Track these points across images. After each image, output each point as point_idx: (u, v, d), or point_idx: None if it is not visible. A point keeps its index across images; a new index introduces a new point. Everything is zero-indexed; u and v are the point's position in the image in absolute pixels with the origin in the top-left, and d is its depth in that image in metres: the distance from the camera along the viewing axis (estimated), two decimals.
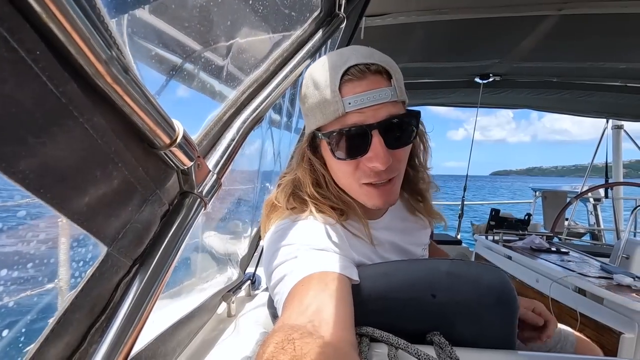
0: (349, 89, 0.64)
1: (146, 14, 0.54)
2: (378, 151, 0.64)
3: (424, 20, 1.89)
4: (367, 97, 0.63)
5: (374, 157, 0.64)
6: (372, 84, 0.64)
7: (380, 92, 0.64)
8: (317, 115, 0.68)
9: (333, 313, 0.52)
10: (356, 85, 0.64)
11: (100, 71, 0.28)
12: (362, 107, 0.63)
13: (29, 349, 0.31)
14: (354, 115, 0.64)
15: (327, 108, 0.65)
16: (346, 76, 0.64)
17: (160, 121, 0.36)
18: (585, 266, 1.89)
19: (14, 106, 0.24)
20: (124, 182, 0.37)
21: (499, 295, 0.67)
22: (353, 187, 0.71)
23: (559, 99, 3.21)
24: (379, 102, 0.64)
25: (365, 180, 0.68)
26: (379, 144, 0.64)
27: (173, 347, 0.71)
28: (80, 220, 0.32)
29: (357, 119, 0.64)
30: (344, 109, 0.63)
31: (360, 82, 0.64)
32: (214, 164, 0.53)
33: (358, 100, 0.63)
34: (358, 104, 0.63)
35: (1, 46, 0.22)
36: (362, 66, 0.64)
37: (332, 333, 0.48)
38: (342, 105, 0.63)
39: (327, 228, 0.69)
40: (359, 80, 0.64)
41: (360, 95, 0.63)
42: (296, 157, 0.77)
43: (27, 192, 0.26)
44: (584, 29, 1.93)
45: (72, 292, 0.34)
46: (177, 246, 0.46)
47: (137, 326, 0.41)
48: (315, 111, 0.68)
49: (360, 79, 0.64)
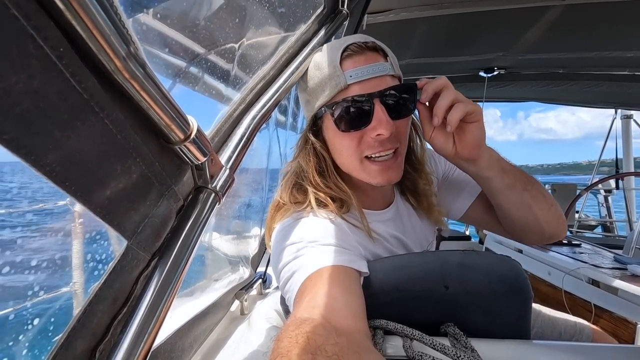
0: (349, 63, 0.68)
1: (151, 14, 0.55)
2: (381, 118, 0.66)
3: (426, 15, 1.89)
4: (367, 70, 0.67)
5: (377, 125, 0.67)
6: (370, 58, 0.68)
7: (379, 66, 0.68)
8: (319, 94, 0.71)
9: (345, 305, 0.52)
10: (355, 60, 0.68)
11: (119, 67, 0.29)
12: (363, 79, 0.67)
13: (57, 338, 0.32)
14: (356, 87, 0.67)
15: (329, 83, 0.69)
16: (346, 52, 0.68)
17: (175, 116, 0.37)
18: (598, 258, 1.87)
19: (41, 101, 0.25)
20: (142, 177, 0.38)
21: (512, 284, 0.67)
22: (355, 163, 0.72)
23: (565, 90, 3.17)
24: (378, 75, 0.68)
25: (369, 151, 0.70)
26: (382, 111, 0.67)
27: (190, 343, 0.72)
28: (103, 214, 0.33)
29: (359, 90, 0.67)
30: (346, 81, 0.67)
31: (359, 57, 0.68)
32: (226, 159, 0.54)
33: (359, 72, 0.67)
34: (359, 75, 0.67)
35: (29, 43, 0.23)
36: (360, 43, 0.69)
37: (345, 324, 0.49)
38: (344, 77, 0.67)
39: (330, 223, 0.69)
40: (357, 55, 0.68)
41: (361, 68, 0.67)
42: (297, 143, 0.79)
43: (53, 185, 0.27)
44: (589, 18, 1.90)
45: (95, 284, 0.35)
46: (193, 240, 0.47)
47: (158, 319, 0.42)
48: (317, 91, 0.71)
49: (359, 54, 0.68)
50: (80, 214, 1.59)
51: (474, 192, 0.91)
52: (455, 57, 2.60)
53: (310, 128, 0.76)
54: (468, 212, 0.92)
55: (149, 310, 0.41)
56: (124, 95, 0.32)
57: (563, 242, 2.23)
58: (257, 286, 1.27)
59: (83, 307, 0.34)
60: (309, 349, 0.41)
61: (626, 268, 1.63)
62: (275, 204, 0.77)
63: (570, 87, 3.07)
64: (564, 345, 0.72)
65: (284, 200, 0.75)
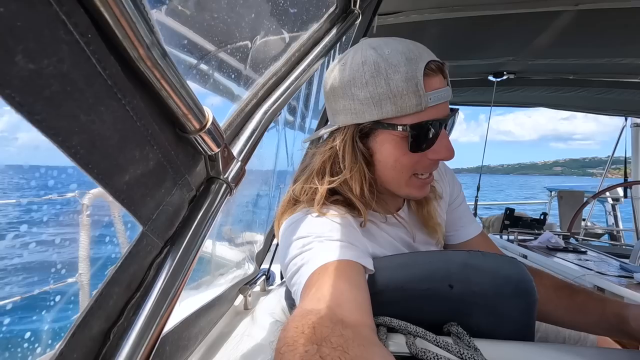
0: (429, 84, 0.66)
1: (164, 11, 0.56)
2: (447, 145, 0.69)
3: (437, 18, 1.89)
4: (442, 94, 0.67)
5: (441, 151, 0.69)
6: (442, 81, 0.68)
7: (447, 90, 0.68)
8: (385, 106, 0.67)
9: (351, 299, 0.53)
10: (435, 81, 0.67)
11: (142, 55, 0.30)
12: (439, 103, 0.67)
13: (76, 316, 0.33)
14: (432, 110, 0.67)
15: (406, 100, 0.65)
16: (426, 70, 0.65)
17: (192, 106, 0.38)
18: (604, 265, 1.85)
19: (69, 84, 0.26)
20: (158, 165, 0.39)
21: (517, 285, 0.67)
22: (402, 180, 0.73)
23: (575, 96, 3.14)
24: (447, 100, 0.68)
25: (422, 171, 0.72)
26: (446, 137, 0.69)
27: (195, 334, 0.73)
28: (122, 198, 0.34)
29: (435, 114, 0.67)
30: (427, 104, 0.65)
31: (438, 78, 0.67)
32: (237, 151, 0.55)
33: (438, 95, 0.66)
34: (437, 99, 0.66)
35: (60, 29, 0.24)
36: (438, 63, 0.67)
37: (351, 317, 0.49)
38: (426, 99, 0.65)
39: (340, 220, 0.70)
40: (436, 75, 0.67)
41: (439, 91, 0.66)
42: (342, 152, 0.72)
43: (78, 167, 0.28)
44: (601, 24, 1.89)
45: (112, 267, 0.37)
46: (204, 230, 0.48)
47: (169, 306, 0.43)
48: (382, 102, 0.66)
49: (436, 75, 0.67)
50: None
51: (472, 233, 0.94)
52: (465, 61, 2.60)
53: (357, 136, 0.72)
54: (458, 245, 0.95)
55: (160, 296, 0.42)
56: (144, 83, 0.33)
57: (569, 249, 2.21)
58: (260, 282, 1.28)
59: (99, 289, 0.35)
60: (315, 339, 0.41)
61: (632, 276, 1.61)
62: (287, 200, 0.77)
63: (580, 94, 3.05)
64: (569, 348, 0.71)
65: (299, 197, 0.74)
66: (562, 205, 3.61)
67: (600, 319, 0.75)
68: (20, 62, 0.22)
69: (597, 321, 0.75)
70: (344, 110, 0.71)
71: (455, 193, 0.94)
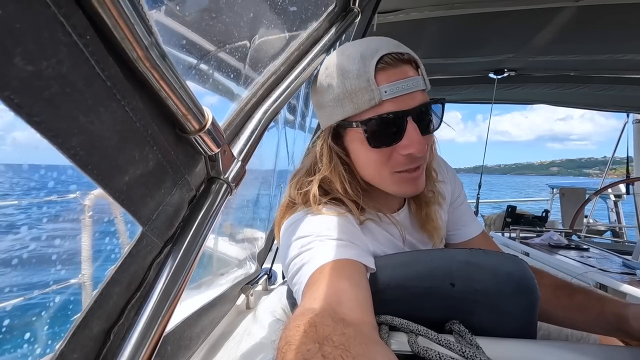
0: (384, 77, 0.65)
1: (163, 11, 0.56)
2: (414, 138, 0.65)
3: (437, 15, 1.88)
4: (402, 86, 0.65)
5: (410, 144, 0.66)
6: (404, 72, 0.66)
7: (413, 81, 0.66)
8: (345, 105, 0.68)
9: (352, 297, 0.53)
10: (390, 74, 0.65)
11: (141, 56, 0.30)
12: (398, 95, 0.65)
13: (76, 317, 0.33)
14: (389, 103, 0.65)
15: (360, 97, 0.66)
16: (380, 64, 0.65)
17: (191, 106, 0.38)
18: (606, 262, 1.85)
19: (68, 86, 0.26)
20: (158, 165, 0.39)
21: (519, 283, 0.66)
22: (383, 177, 0.71)
23: (576, 93, 3.13)
24: (412, 90, 0.66)
25: (399, 168, 0.69)
26: (414, 130, 0.66)
27: (197, 333, 0.74)
28: (121, 199, 0.34)
29: (393, 107, 0.65)
30: (381, 97, 0.65)
31: (394, 71, 0.66)
32: (237, 151, 0.55)
33: (394, 88, 0.65)
34: (394, 92, 0.65)
35: (59, 30, 0.24)
36: (395, 55, 0.66)
37: (353, 316, 0.49)
38: (379, 93, 0.65)
39: (340, 218, 0.70)
40: (392, 68, 0.66)
41: (396, 84, 0.65)
42: (320, 152, 0.75)
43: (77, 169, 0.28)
44: (602, 20, 1.88)
45: (112, 267, 0.37)
46: (205, 230, 0.48)
47: (170, 305, 0.43)
48: (343, 101, 0.68)
49: (393, 67, 0.66)
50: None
51: (473, 232, 0.93)
52: (465, 58, 2.59)
53: (330, 137, 0.74)
54: (459, 244, 0.94)
55: (161, 296, 0.42)
56: (144, 84, 0.33)
57: (571, 246, 2.21)
58: (262, 282, 1.28)
59: (100, 289, 0.35)
60: (316, 338, 0.41)
61: (635, 273, 1.61)
62: (286, 204, 0.77)
63: (582, 90, 3.03)
64: (571, 345, 0.71)
65: (295, 200, 0.75)
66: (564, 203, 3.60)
67: (598, 318, 0.74)
68: (19, 63, 0.22)
69: (596, 320, 0.75)
70: (321, 115, 0.75)
71: (456, 192, 0.94)
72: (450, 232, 0.94)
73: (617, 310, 0.72)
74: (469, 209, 0.97)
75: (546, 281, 0.82)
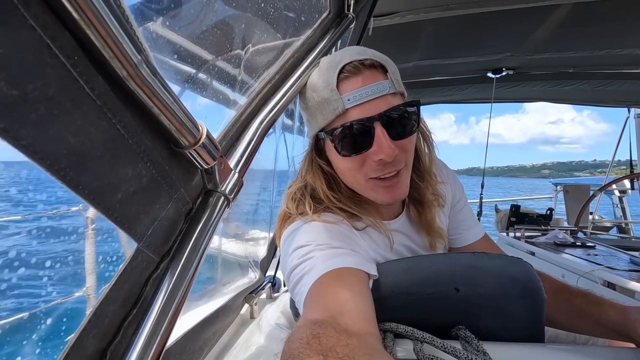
0: (347, 86, 0.66)
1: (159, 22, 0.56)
2: (382, 143, 0.64)
3: (433, 17, 1.89)
4: (365, 92, 0.65)
5: (378, 150, 0.65)
6: (368, 78, 0.66)
7: (378, 86, 0.65)
8: (317, 117, 0.70)
9: (354, 307, 0.52)
10: (353, 81, 0.65)
11: (131, 74, 0.30)
12: (362, 102, 0.65)
13: (70, 338, 0.33)
14: (355, 111, 0.65)
15: (326, 107, 0.67)
16: (342, 74, 0.66)
17: (185, 121, 0.38)
18: (614, 259, 1.83)
19: (56, 107, 0.26)
20: (152, 181, 0.38)
21: (524, 286, 0.66)
22: (360, 183, 0.71)
23: (576, 89, 3.12)
24: (377, 95, 0.65)
25: (373, 174, 0.69)
26: (383, 136, 0.65)
27: (200, 346, 0.73)
28: (114, 217, 0.34)
29: (358, 114, 0.65)
30: (344, 106, 0.65)
31: (356, 78, 0.65)
32: (234, 163, 0.55)
33: (357, 95, 0.65)
34: (357, 99, 0.65)
35: (45, 52, 0.24)
36: (356, 62, 0.66)
37: (356, 327, 0.49)
38: (342, 102, 0.65)
39: (339, 227, 0.70)
40: (354, 76, 0.66)
41: (358, 91, 0.65)
42: (304, 164, 0.79)
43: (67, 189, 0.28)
44: (599, 15, 1.88)
45: (106, 285, 0.36)
46: (204, 244, 0.47)
47: (170, 321, 0.42)
48: (315, 113, 0.70)
49: (356, 74, 0.66)
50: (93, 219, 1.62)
51: (476, 236, 0.93)
52: (463, 58, 2.59)
53: (313, 148, 0.76)
54: (461, 248, 0.94)
55: (160, 312, 0.42)
56: (135, 101, 0.33)
57: (577, 244, 2.19)
58: (266, 290, 1.27)
59: (94, 308, 0.35)
60: (320, 349, 0.41)
61: None
62: (282, 215, 0.77)
63: (581, 87, 3.03)
64: (579, 349, 0.70)
65: (292, 211, 0.75)
66: (569, 200, 3.57)
67: (598, 323, 0.73)
68: (3, 88, 0.22)
69: (596, 325, 0.74)
70: (305, 120, 0.78)
71: (457, 196, 0.93)
72: (452, 236, 0.93)
73: (616, 316, 0.71)
74: (470, 212, 0.96)
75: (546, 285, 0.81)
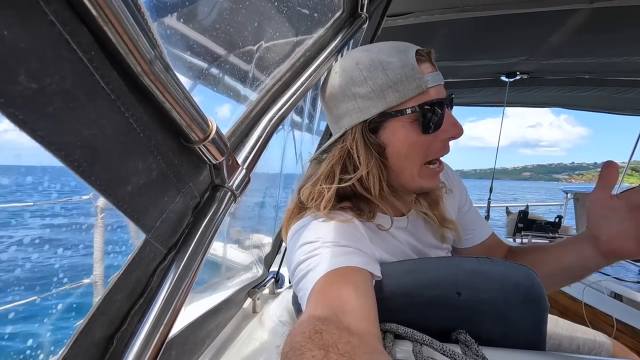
0: (423, 68, 0.70)
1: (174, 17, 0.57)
2: (455, 121, 0.72)
3: (447, 18, 1.87)
4: (437, 76, 0.71)
5: (452, 127, 0.71)
6: (433, 66, 0.72)
7: (439, 74, 0.72)
8: (388, 96, 0.69)
9: (357, 306, 0.53)
10: (425, 66, 0.71)
11: (145, 70, 0.31)
12: (436, 85, 0.70)
13: (79, 323, 0.34)
14: (433, 91, 0.70)
15: (406, 85, 0.68)
16: (417, 57, 0.69)
17: (195, 117, 0.39)
18: (622, 270, 1.80)
19: (72, 101, 0.26)
20: (162, 174, 0.39)
21: (527, 293, 0.65)
22: (415, 170, 0.73)
23: (591, 96, 3.06)
24: (442, 82, 0.72)
25: (434, 156, 0.73)
26: (452, 115, 0.72)
27: (202, 337, 0.74)
28: (124, 207, 0.35)
29: (435, 95, 0.70)
30: (427, 85, 0.68)
31: (427, 64, 0.71)
32: (242, 159, 0.55)
33: (433, 77, 0.70)
34: (434, 81, 0.70)
35: (63, 48, 0.25)
36: (426, 50, 0.72)
37: (358, 326, 0.49)
38: (425, 80, 0.68)
39: (348, 225, 0.70)
40: (426, 62, 0.71)
41: (432, 74, 0.70)
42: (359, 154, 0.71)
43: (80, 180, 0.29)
44: (618, 22, 1.84)
45: (115, 274, 0.37)
46: (209, 237, 0.48)
47: (173, 311, 0.43)
48: (385, 92, 0.69)
49: (425, 61, 0.71)
50: None
51: (484, 235, 0.94)
52: (476, 61, 2.56)
53: (366, 133, 0.71)
54: (472, 248, 0.95)
55: (165, 302, 0.43)
56: (148, 96, 0.34)
57: None
58: (269, 285, 1.28)
59: (103, 296, 0.36)
60: (322, 344, 0.41)
61: None
62: (292, 209, 0.77)
63: (597, 94, 2.97)
64: (582, 358, 0.69)
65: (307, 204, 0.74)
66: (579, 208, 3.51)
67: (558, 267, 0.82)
68: (23, 81, 0.23)
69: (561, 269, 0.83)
70: (348, 112, 0.73)
71: (463, 198, 0.94)
72: (462, 238, 0.93)
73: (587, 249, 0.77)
74: (476, 212, 0.97)
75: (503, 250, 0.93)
